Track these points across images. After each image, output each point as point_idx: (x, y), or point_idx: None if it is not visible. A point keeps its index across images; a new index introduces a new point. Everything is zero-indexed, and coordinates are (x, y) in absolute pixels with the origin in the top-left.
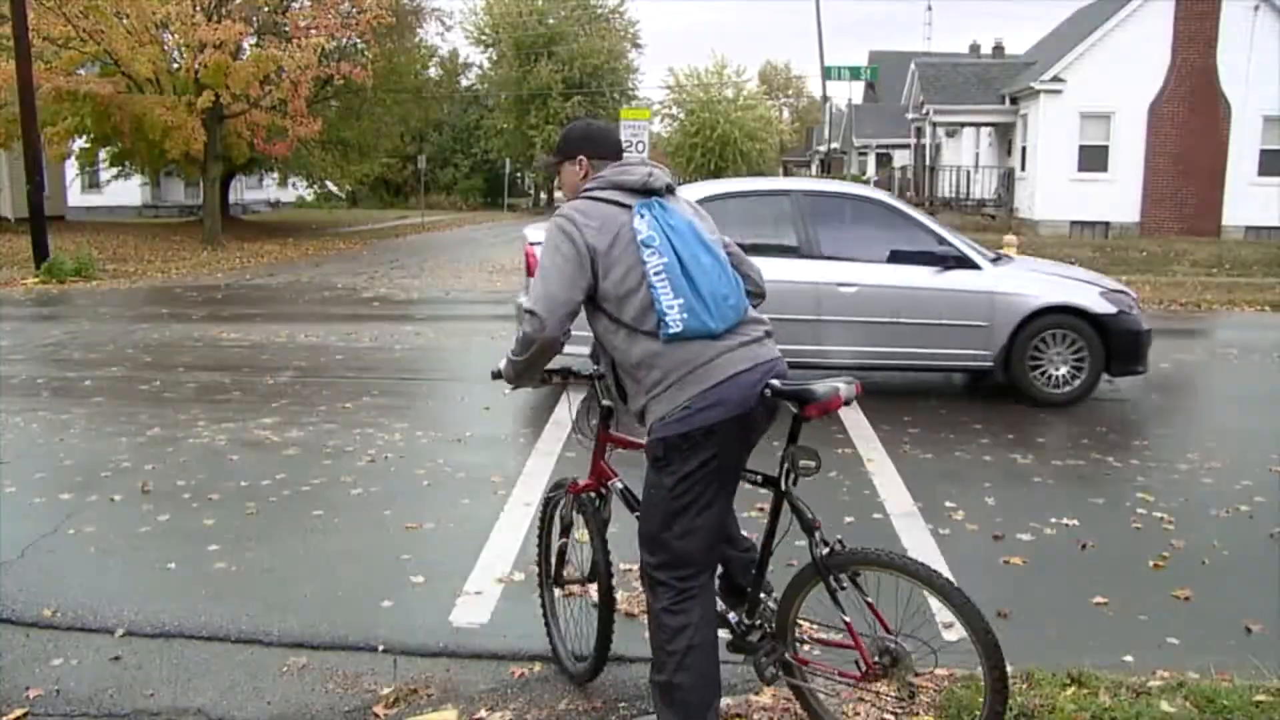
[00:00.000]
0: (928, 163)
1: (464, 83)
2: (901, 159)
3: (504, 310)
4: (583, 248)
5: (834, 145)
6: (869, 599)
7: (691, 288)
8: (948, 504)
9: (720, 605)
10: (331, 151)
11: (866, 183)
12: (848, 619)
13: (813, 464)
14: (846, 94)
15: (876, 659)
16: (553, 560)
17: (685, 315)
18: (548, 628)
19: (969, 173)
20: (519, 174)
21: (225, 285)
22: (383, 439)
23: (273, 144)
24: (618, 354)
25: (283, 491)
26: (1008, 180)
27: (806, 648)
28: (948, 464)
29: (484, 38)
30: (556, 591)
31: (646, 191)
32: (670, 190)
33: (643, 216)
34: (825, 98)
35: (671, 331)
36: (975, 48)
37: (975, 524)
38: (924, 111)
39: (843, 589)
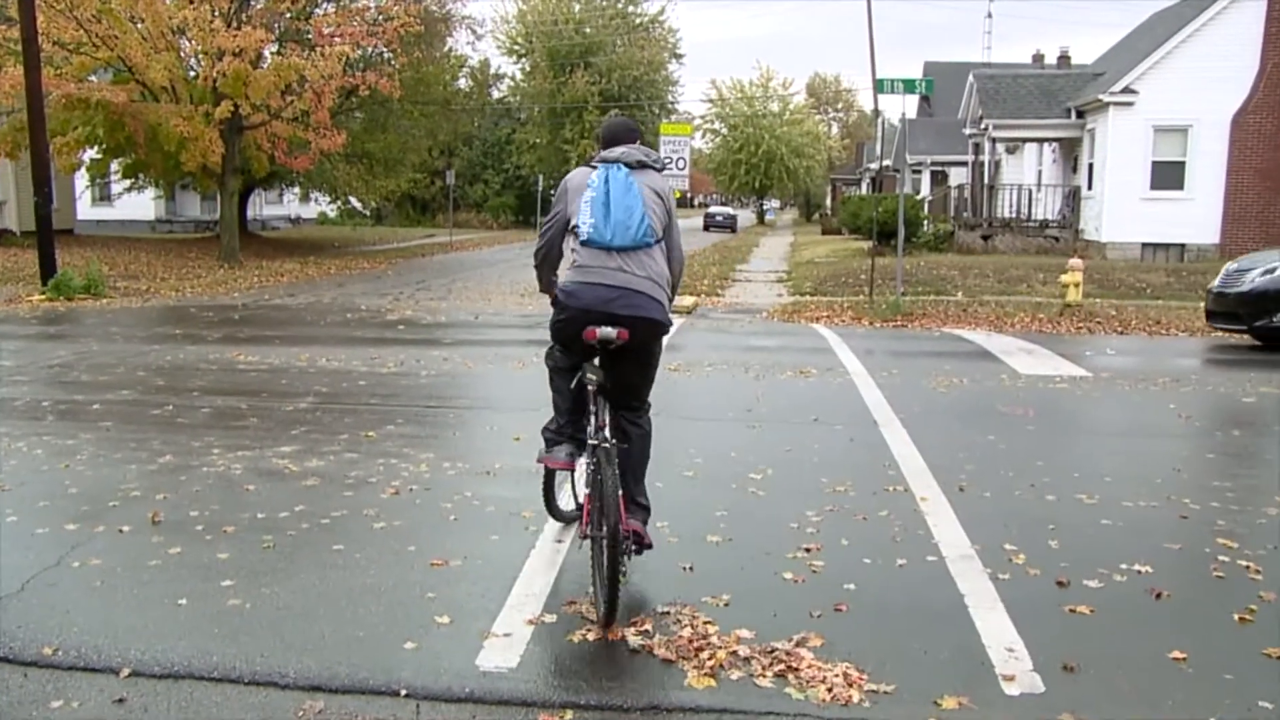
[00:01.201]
0: (986, 181)
1: (495, 95)
2: (958, 176)
3: (536, 335)
4: (562, 190)
5: (886, 162)
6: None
7: (605, 215)
8: (1007, 546)
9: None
10: (356, 165)
11: (921, 203)
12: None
13: (593, 378)
14: (899, 108)
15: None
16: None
17: (591, 229)
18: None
19: (1030, 192)
20: (552, 190)
21: (243, 305)
22: (408, 470)
23: (294, 157)
24: (566, 249)
25: (301, 524)
26: (1073, 200)
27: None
28: (1007, 503)
29: (516, 47)
30: None
31: (612, 161)
32: (640, 166)
33: (597, 171)
34: (877, 112)
35: (581, 238)
36: (1039, 58)
37: (1038, 568)
38: (983, 126)
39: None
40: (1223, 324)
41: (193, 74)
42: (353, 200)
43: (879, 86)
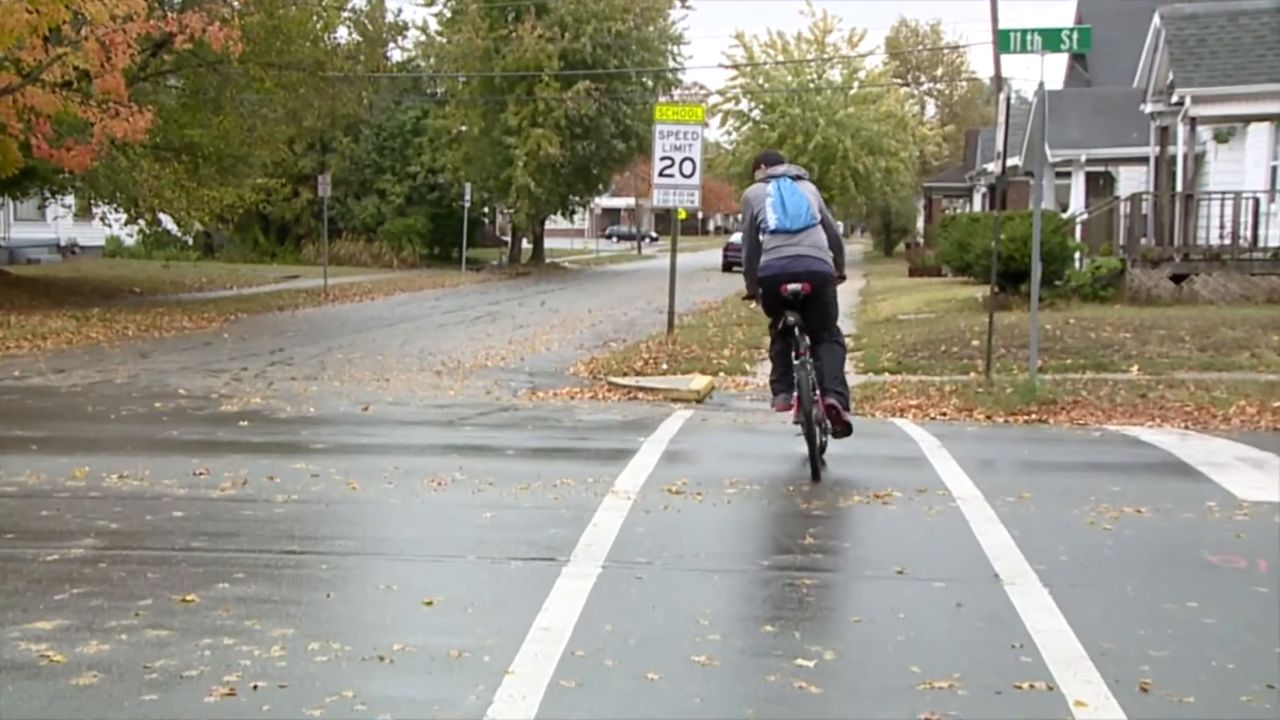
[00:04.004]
0: (1180, 187)
1: (396, 57)
2: (1131, 181)
3: (462, 437)
4: (744, 204)
5: (1012, 161)
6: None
7: (781, 209)
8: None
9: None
10: (170, 164)
11: (1070, 225)
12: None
13: (791, 320)
14: (1036, 74)
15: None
16: None
17: (777, 219)
18: None
19: (1258, 203)
20: (487, 208)
21: None
22: (251, 656)
23: (65, 148)
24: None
25: None
26: None
27: None
28: (1226, 716)
29: None
30: None
31: (779, 175)
32: (799, 177)
33: (771, 182)
34: (999, 81)
35: (771, 228)
36: None
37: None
38: (1175, 99)
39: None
40: None
41: None
42: (165, 220)
43: (1002, 42)
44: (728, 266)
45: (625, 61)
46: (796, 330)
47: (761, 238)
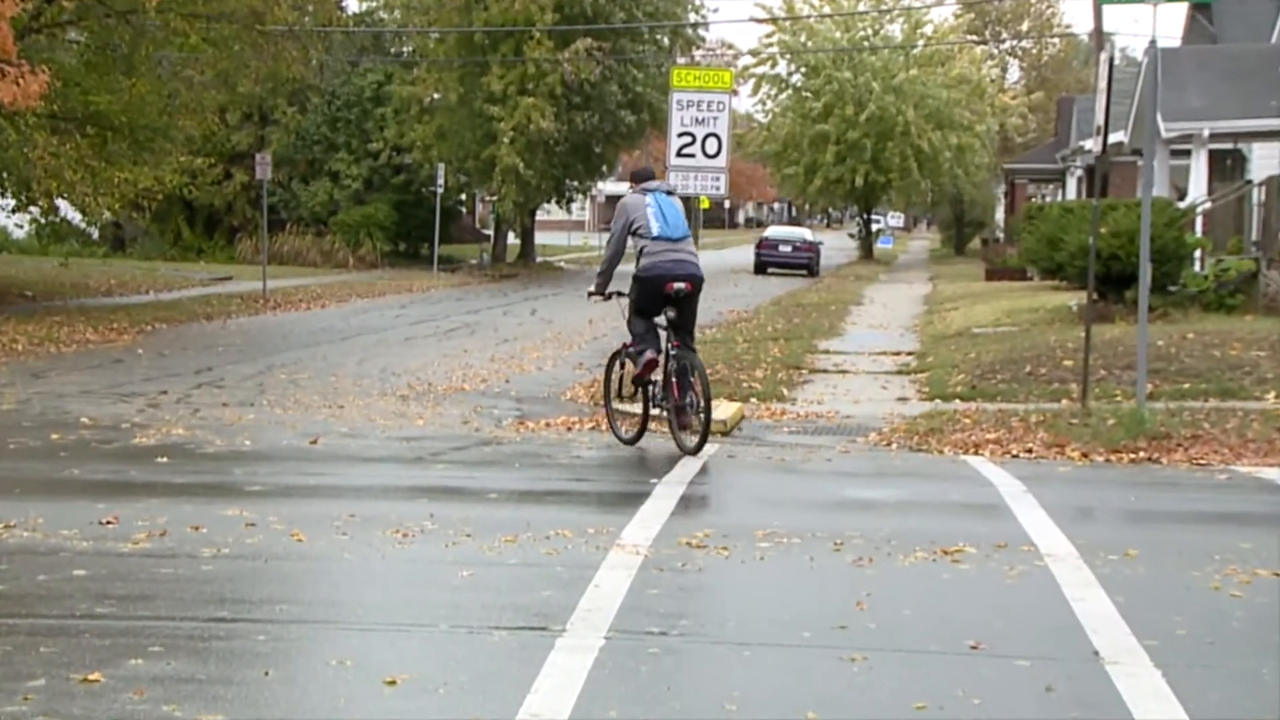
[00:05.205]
0: None
1: (353, 6)
2: (1268, 161)
3: (433, 476)
4: (620, 210)
5: (1116, 138)
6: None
7: (663, 219)
8: None
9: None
10: (71, 139)
11: (1184, 214)
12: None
13: (671, 314)
14: (1145, 28)
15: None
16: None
17: (659, 227)
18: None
19: None
20: (465, 195)
21: None
22: None
23: None
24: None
25: None
26: None
27: None
28: None
29: None
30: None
31: (653, 189)
32: (670, 192)
33: (647, 194)
34: (1100, 37)
35: (654, 235)
36: None
37: None
38: None
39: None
40: None
41: None
42: (65, 207)
43: None
44: (762, 268)
45: (635, 14)
46: (671, 329)
47: (641, 244)
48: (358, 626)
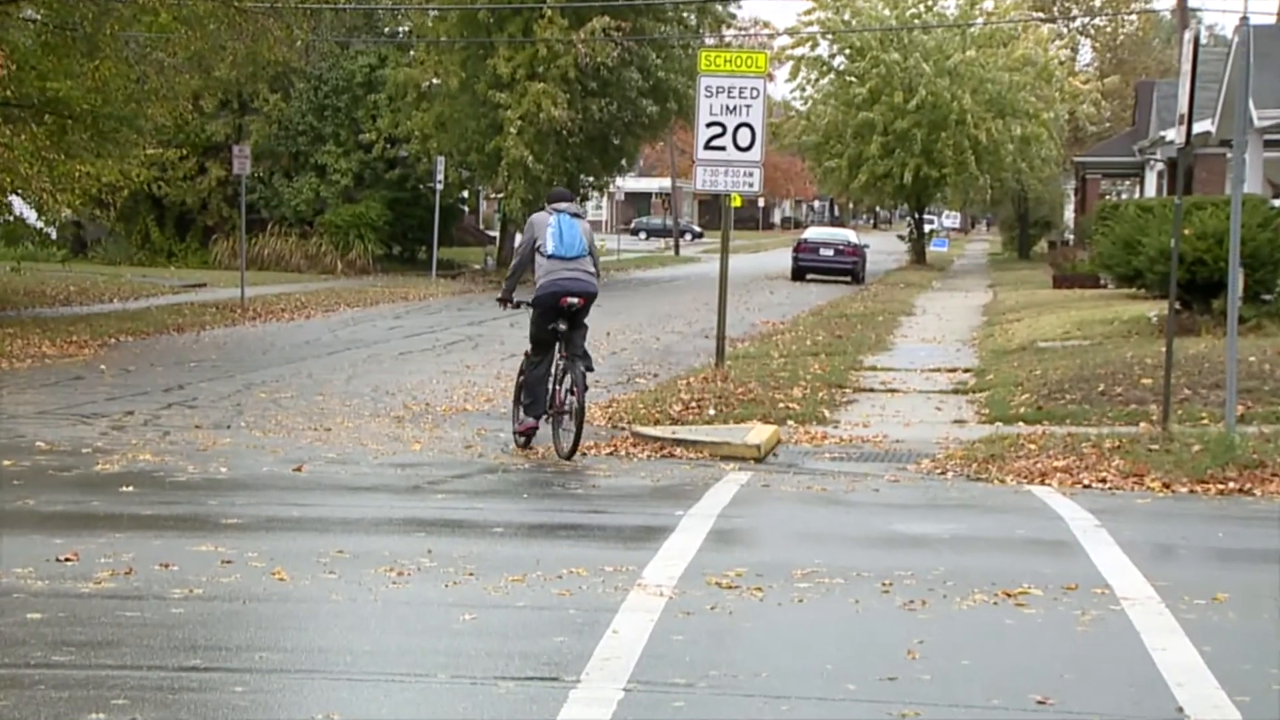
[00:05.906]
0: None
1: None
2: None
3: (432, 507)
4: (529, 227)
5: (1202, 127)
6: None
7: (559, 239)
8: None
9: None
10: (26, 128)
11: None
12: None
13: (564, 326)
14: (1236, 3)
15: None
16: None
17: (554, 246)
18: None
19: None
20: (468, 192)
21: None
22: None
23: None
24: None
25: None
26: None
27: None
28: None
29: None
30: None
31: (560, 210)
32: (577, 215)
33: (554, 215)
34: (1184, 13)
35: (549, 253)
36: None
37: None
38: None
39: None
40: None
41: None
42: (18, 204)
43: None
44: (800, 273)
45: None
46: (562, 339)
47: (540, 261)
48: (346, 677)
